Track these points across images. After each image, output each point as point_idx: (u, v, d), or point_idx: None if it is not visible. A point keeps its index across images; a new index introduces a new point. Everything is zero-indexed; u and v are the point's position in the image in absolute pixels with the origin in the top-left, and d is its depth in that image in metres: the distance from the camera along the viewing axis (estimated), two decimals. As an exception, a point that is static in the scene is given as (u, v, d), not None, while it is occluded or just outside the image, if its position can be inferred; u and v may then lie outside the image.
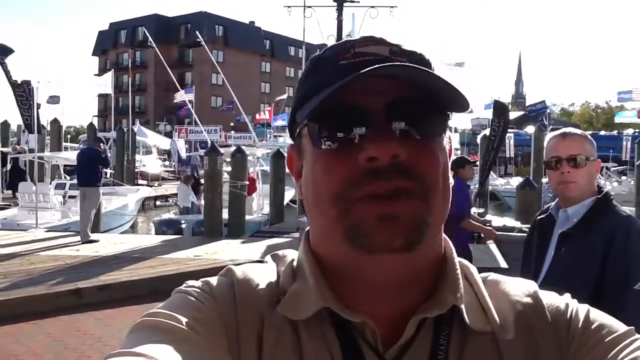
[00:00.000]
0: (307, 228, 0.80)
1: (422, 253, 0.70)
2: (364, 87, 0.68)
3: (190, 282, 0.76)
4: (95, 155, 11.71)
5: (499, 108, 13.84)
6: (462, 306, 0.72)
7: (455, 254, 0.78)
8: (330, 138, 0.69)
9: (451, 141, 0.79)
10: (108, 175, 20.86)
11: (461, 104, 0.70)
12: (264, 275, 0.78)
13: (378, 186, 0.66)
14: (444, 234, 0.77)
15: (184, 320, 0.67)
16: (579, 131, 2.53)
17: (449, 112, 0.72)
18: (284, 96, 49.86)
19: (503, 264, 8.15)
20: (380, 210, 0.66)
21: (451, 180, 0.75)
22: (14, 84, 13.57)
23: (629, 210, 2.51)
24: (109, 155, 16.24)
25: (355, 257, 0.69)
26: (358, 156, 0.67)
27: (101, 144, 12.16)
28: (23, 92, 13.57)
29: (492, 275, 0.81)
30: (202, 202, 14.74)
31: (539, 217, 2.61)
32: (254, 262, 0.85)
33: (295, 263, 0.79)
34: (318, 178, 0.71)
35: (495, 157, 14.10)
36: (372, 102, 0.68)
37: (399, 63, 0.68)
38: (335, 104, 0.68)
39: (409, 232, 0.67)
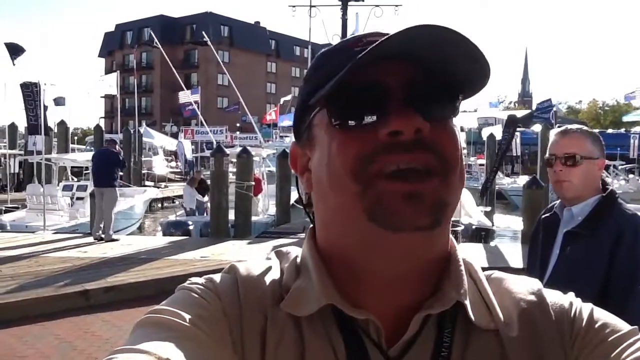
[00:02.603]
0: (312, 225, 0.80)
1: (439, 236, 0.71)
2: (383, 69, 0.68)
3: (194, 279, 0.76)
4: (112, 156, 12.00)
5: (511, 121, 15.33)
6: (467, 302, 0.72)
7: (459, 251, 0.77)
8: (351, 116, 0.70)
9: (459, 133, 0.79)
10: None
11: (482, 74, 0.69)
12: (267, 272, 0.78)
13: (402, 158, 0.66)
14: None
15: (187, 317, 0.67)
16: (582, 127, 2.47)
17: (460, 95, 0.72)
18: (289, 97, 49.80)
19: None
20: (407, 189, 0.66)
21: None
22: (22, 85, 13.67)
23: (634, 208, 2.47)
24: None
25: (375, 236, 0.68)
26: (379, 132, 0.67)
27: (116, 146, 12.37)
28: (30, 93, 13.66)
29: (496, 273, 0.81)
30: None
31: (543, 216, 2.58)
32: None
33: (299, 259, 0.79)
34: (334, 156, 0.70)
35: (502, 159, 14.54)
36: (392, 80, 0.68)
37: (424, 23, 0.65)
38: (355, 83, 0.68)
39: (434, 211, 0.67)
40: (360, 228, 0.69)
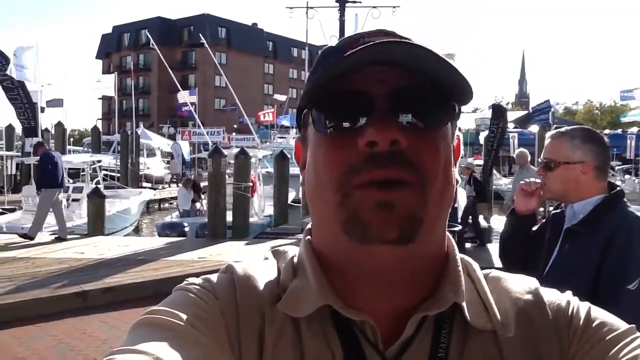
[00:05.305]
0: (309, 224, 0.79)
1: (417, 250, 0.69)
2: (368, 75, 0.67)
3: (191, 280, 0.76)
4: (53, 159, 12.00)
5: (498, 110, 14.67)
6: (464, 304, 0.72)
7: (457, 251, 0.77)
8: (333, 124, 0.69)
9: (459, 137, 0.78)
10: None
11: (465, 92, 0.69)
12: (264, 271, 0.78)
13: (380, 174, 0.66)
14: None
15: (184, 317, 0.67)
16: (567, 130, 2.45)
17: (454, 103, 0.71)
18: (283, 97, 49.70)
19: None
20: (379, 198, 0.65)
21: (456, 175, 0.74)
22: (5, 88, 13.58)
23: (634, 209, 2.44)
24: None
25: (350, 248, 0.69)
26: (358, 141, 0.67)
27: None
28: (17, 96, 13.55)
29: (494, 272, 0.81)
30: (198, 205, 14.99)
31: (553, 212, 2.58)
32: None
33: (296, 259, 0.79)
34: (319, 164, 0.71)
35: (496, 156, 14.46)
36: (376, 89, 0.67)
37: (400, 40, 0.67)
38: (339, 90, 0.68)
39: (403, 224, 0.66)
40: (338, 240, 0.70)
